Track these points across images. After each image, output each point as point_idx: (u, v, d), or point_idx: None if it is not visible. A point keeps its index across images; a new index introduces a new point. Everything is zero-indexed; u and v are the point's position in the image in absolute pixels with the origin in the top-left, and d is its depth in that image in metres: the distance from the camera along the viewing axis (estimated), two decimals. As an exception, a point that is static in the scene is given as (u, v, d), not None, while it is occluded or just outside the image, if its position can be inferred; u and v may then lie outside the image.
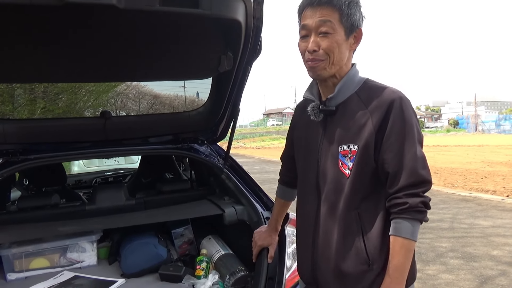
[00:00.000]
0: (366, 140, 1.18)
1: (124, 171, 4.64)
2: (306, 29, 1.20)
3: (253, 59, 1.88)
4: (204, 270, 1.92)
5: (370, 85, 1.25)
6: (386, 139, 1.17)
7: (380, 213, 1.20)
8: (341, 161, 1.22)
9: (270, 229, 1.73)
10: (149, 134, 2.46)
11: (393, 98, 1.17)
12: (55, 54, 1.68)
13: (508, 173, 9.63)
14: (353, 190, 1.20)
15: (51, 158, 2.19)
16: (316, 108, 1.28)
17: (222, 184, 2.38)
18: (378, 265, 1.19)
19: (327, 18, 1.17)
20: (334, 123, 1.26)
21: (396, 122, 1.16)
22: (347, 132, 1.22)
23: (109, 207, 2.23)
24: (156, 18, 1.48)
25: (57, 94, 5.14)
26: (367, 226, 1.20)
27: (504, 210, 5.94)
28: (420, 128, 1.21)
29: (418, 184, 1.14)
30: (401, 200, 1.14)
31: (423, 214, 1.14)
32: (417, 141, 1.17)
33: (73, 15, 1.39)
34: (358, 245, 1.20)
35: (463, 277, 3.49)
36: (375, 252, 1.19)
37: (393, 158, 1.15)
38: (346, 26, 1.19)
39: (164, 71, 2.04)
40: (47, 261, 1.98)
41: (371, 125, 1.18)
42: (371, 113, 1.19)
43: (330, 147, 1.25)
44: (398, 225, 1.15)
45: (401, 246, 1.14)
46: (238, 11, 1.57)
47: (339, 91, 1.24)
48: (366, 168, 1.19)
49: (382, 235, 1.19)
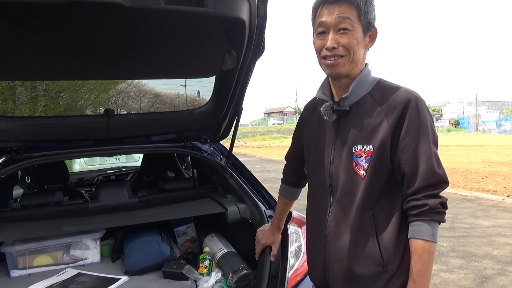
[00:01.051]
0: (382, 140, 1.16)
1: (126, 169, 4.64)
2: (324, 26, 1.18)
3: (257, 57, 1.89)
4: (207, 268, 1.93)
5: (384, 85, 1.24)
6: (402, 139, 1.16)
7: (395, 214, 1.19)
8: (356, 162, 1.20)
9: (273, 228, 1.74)
10: (152, 133, 2.47)
11: (409, 98, 1.16)
12: (59, 52, 1.68)
13: (509, 173, 9.61)
14: (368, 191, 1.19)
15: (54, 156, 2.20)
16: (329, 108, 1.26)
17: (224, 182, 2.39)
18: (393, 266, 1.18)
19: (347, 15, 1.15)
20: (347, 123, 1.24)
21: (412, 122, 1.15)
22: (362, 132, 1.20)
23: (112, 205, 2.24)
24: (160, 16, 1.48)
25: (58, 92, 5.14)
26: (381, 227, 1.19)
27: (505, 210, 5.94)
28: (435, 129, 1.20)
29: (436, 184, 1.14)
30: (420, 202, 1.12)
31: (442, 215, 1.14)
32: (432, 141, 1.16)
33: (78, 13, 1.40)
34: (372, 247, 1.19)
35: (463, 277, 3.49)
36: (390, 253, 1.18)
37: (409, 158, 1.14)
38: (363, 24, 1.18)
39: (167, 69, 2.04)
40: (50, 259, 1.99)
41: (387, 125, 1.16)
42: (386, 113, 1.17)
43: (344, 147, 1.24)
44: (418, 228, 1.13)
45: (423, 249, 1.12)
46: (243, 10, 1.57)
47: (353, 91, 1.23)
48: (382, 168, 1.18)
49: (396, 236, 1.18)
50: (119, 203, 2.26)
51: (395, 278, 1.18)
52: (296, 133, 1.52)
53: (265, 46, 1.84)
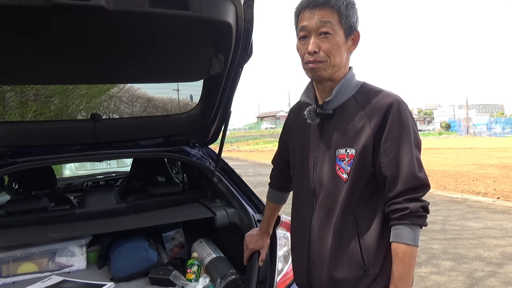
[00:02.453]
0: (364, 144, 1.16)
1: (116, 175, 4.59)
2: (306, 30, 1.19)
3: (244, 61, 1.88)
4: (195, 273, 1.91)
5: (367, 89, 1.24)
6: (384, 143, 1.15)
7: (377, 218, 1.18)
8: (338, 165, 1.20)
9: (262, 232, 1.72)
10: (140, 137, 2.44)
11: (391, 102, 1.16)
12: (44, 56, 1.66)
13: (499, 176, 9.72)
14: (350, 195, 1.18)
15: (40, 161, 2.16)
16: (313, 111, 1.26)
17: (213, 187, 2.37)
18: (374, 270, 1.18)
19: (327, 19, 1.16)
20: (331, 127, 1.25)
21: (394, 126, 1.15)
22: (345, 136, 1.20)
23: (99, 211, 2.21)
24: (145, 19, 1.47)
25: (48, 97, 5.08)
26: (364, 231, 1.18)
27: (495, 212, 5.99)
28: (418, 132, 1.20)
29: (417, 188, 1.13)
30: (401, 205, 1.12)
31: (423, 218, 1.13)
32: (414, 145, 1.16)
33: (61, 17, 1.38)
34: (354, 250, 1.18)
35: (454, 279, 3.50)
36: (371, 257, 1.17)
37: (391, 162, 1.14)
38: (345, 27, 1.18)
39: (154, 73, 2.03)
40: (35, 266, 1.95)
41: (369, 129, 1.16)
42: (369, 116, 1.17)
43: (327, 151, 1.24)
44: (399, 231, 1.13)
45: (404, 253, 1.12)
46: (228, 14, 1.56)
47: (336, 94, 1.23)
48: (364, 172, 1.18)
49: (378, 240, 1.17)
50: (107, 208, 2.23)
51: (377, 282, 1.17)
52: (283, 136, 1.52)
53: (252, 49, 1.83)
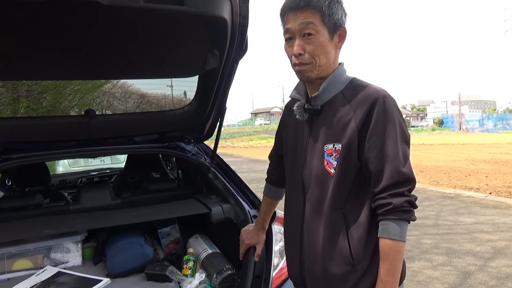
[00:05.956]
0: (349, 139, 1.17)
1: (110, 171, 4.58)
2: (290, 33, 1.21)
3: (240, 57, 1.88)
4: (191, 269, 1.91)
5: (355, 84, 1.25)
6: (369, 138, 1.16)
7: (366, 213, 1.19)
8: (327, 160, 1.21)
9: (257, 228, 1.73)
10: (135, 133, 2.44)
11: (376, 97, 1.17)
12: (37, 51, 1.64)
13: (491, 171, 9.82)
14: (337, 190, 1.19)
15: (33, 158, 2.15)
16: (301, 107, 1.28)
17: (209, 182, 2.37)
18: (362, 266, 1.18)
19: (309, 20, 1.17)
20: (319, 122, 1.26)
21: (379, 121, 1.15)
22: (332, 131, 1.21)
23: (94, 207, 2.20)
24: (140, 15, 1.46)
25: (41, 93, 5.02)
26: (352, 226, 1.19)
27: (487, 207, 6.06)
28: (405, 127, 1.20)
29: (402, 183, 1.12)
30: (385, 200, 1.12)
31: (409, 213, 1.12)
32: (401, 139, 1.16)
33: (56, 12, 1.37)
34: (343, 245, 1.19)
35: (447, 273, 3.55)
36: (359, 252, 1.18)
37: (376, 157, 1.15)
38: (329, 26, 1.19)
39: (149, 69, 2.02)
40: (30, 262, 1.94)
41: (354, 124, 1.17)
42: (354, 111, 1.18)
43: (316, 146, 1.25)
44: (385, 227, 1.12)
45: (390, 248, 1.11)
46: (224, 9, 1.56)
47: (324, 90, 1.24)
48: (350, 167, 1.19)
49: (367, 235, 1.18)
50: (102, 205, 2.23)
51: (365, 278, 1.18)
52: (278, 132, 1.53)
53: (248, 45, 1.83)
